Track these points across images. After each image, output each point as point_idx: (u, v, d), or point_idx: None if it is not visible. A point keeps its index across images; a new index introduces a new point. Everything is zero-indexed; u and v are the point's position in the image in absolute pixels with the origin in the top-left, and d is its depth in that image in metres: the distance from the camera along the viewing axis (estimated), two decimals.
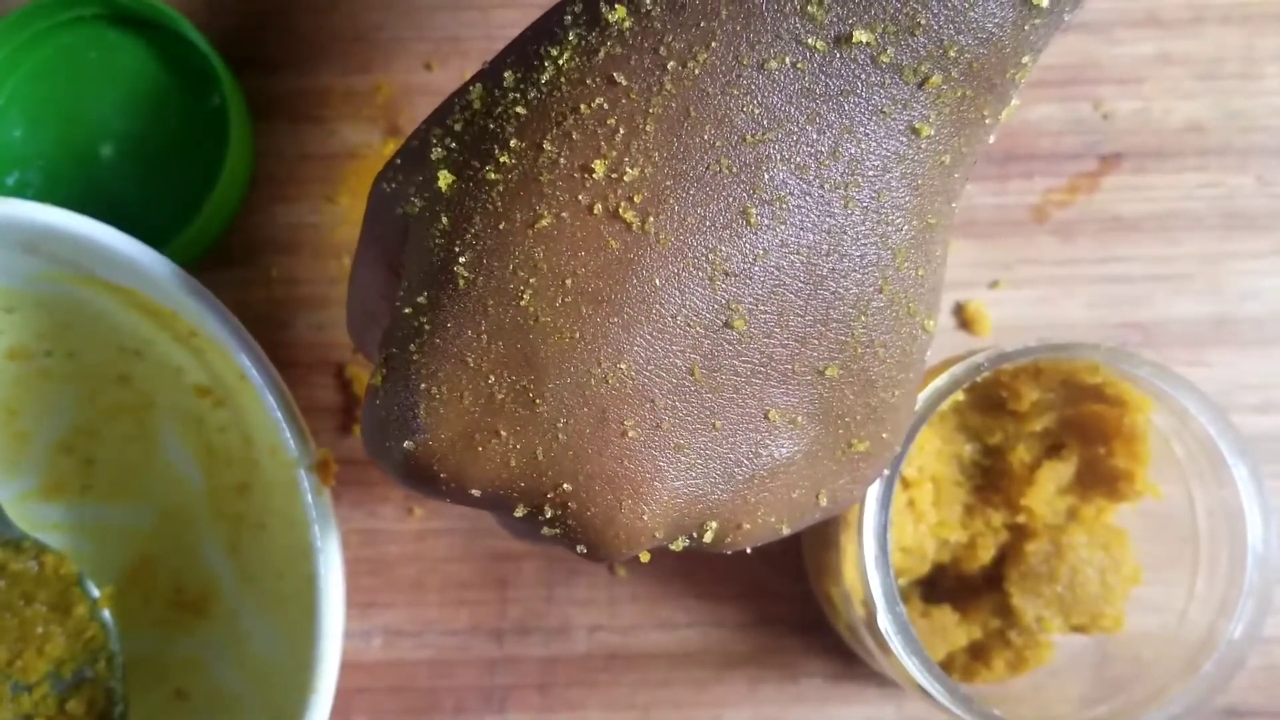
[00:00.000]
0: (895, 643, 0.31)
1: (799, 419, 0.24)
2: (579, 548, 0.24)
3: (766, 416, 0.23)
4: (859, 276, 0.23)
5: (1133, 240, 0.41)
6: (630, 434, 0.23)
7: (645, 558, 0.25)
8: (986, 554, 0.35)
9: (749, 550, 0.25)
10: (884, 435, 0.25)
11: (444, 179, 0.23)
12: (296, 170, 0.42)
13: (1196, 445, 0.33)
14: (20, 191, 0.40)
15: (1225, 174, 0.41)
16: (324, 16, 0.42)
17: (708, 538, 0.24)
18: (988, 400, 0.35)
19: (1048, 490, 0.35)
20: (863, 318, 0.23)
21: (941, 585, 0.37)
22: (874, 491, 0.31)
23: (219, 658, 0.40)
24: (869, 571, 0.31)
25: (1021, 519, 0.35)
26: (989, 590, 0.36)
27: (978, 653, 0.36)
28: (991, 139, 0.24)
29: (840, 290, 0.23)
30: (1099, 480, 0.35)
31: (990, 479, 0.36)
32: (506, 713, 0.41)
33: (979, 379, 0.32)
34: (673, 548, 0.24)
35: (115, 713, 0.37)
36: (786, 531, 0.25)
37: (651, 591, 0.41)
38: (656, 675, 0.41)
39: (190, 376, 0.39)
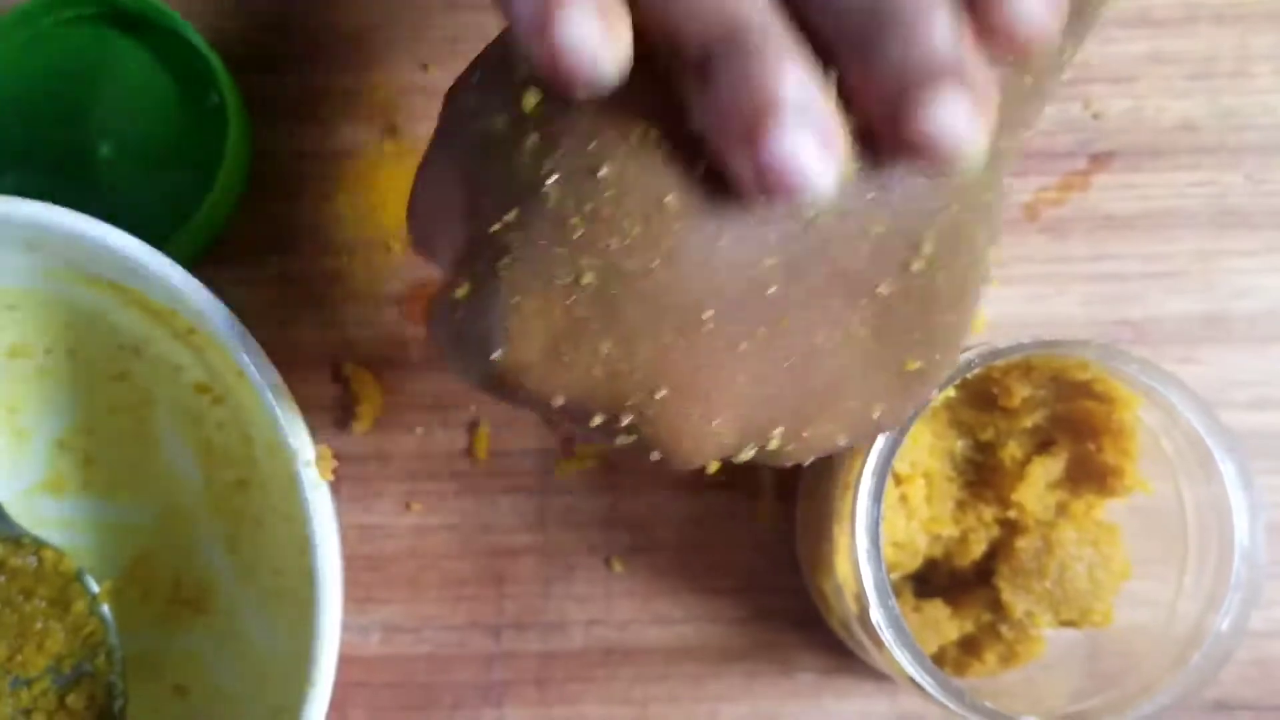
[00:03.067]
0: (888, 637, 0.31)
1: (863, 334, 0.24)
2: (653, 454, 0.25)
3: (833, 332, 0.24)
4: (929, 200, 0.24)
5: (1125, 238, 0.42)
6: (705, 346, 0.23)
7: (714, 468, 0.26)
8: (978, 549, 0.36)
9: (806, 463, 0.26)
10: (937, 356, 0.26)
11: (531, 98, 0.24)
12: (295, 169, 0.42)
13: (1185, 441, 0.33)
14: (18, 190, 0.40)
15: (1217, 172, 0.42)
16: (322, 16, 0.43)
17: (772, 445, 0.25)
18: (980, 396, 0.36)
19: (1038, 486, 0.35)
20: (929, 241, 0.24)
21: (933, 580, 0.37)
22: (866, 486, 0.31)
23: (218, 653, 0.40)
24: (861, 566, 0.31)
25: (1012, 514, 0.35)
26: (980, 585, 0.36)
27: (969, 647, 0.36)
28: (1065, 75, 0.25)
29: (909, 212, 0.24)
30: (1089, 476, 0.35)
31: (982, 474, 0.36)
32: (504, 708, 0.41)
33: (971, 375, 0.32)
34: (738, 459, 0.25)
35: (114, 707, 0.37)
36: (843, 443, 0.26)
37: (648, 587, 0.41)
38: (653, 670, 0.41)
39: (189, 374, 0.40)
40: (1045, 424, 0.36)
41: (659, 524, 0.41)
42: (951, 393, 0.33)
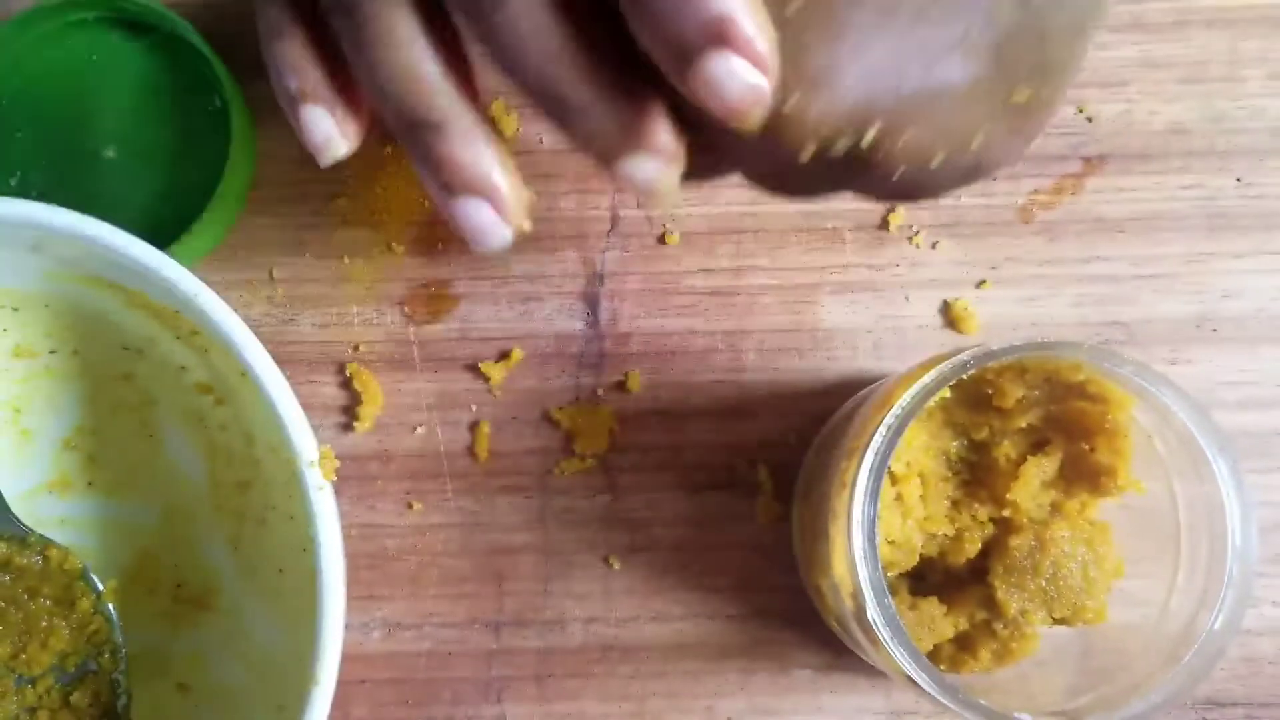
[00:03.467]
0: (883, 634, 0.32)
1: (972, 54, 0.25)
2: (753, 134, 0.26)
3: (944, 44, 0.25)
4: None
5: (1117, 240, 0.42)
6: (817, 33, 0.25)
7: (808, 153, 0.26)
8: (973, 547, 0.36)
9: (896, 174, 0.26)
10: (1044, 93, 0.26)
11: None
12: (297, 171, 0.42)
13: (1177, 441, 0.34)
14: (23, 192, 0.41)
15: (1207, 176, 0.42)
16: None
17: (866, 141, 0.26)
18: (974, 397, 0.36)
19: (1032, 485, 0.35)
20: None
21: (929, 578, 0.38)
22: (862, 485, 0.32)
23: (221, 651, 0.41)
24: (858, 564, 0.32)
25: (1007, 513, 0.36)
26: (975, 583, 0.36)
27: (964, 644, 0.37)
28: None
29: None
30: (1082, 475, 0.36)
31: (976, 474, 0.37)
32: (503, 704, 0.41)
33: (965, 376, 0.32)
34: (834, 149, 0.26)
35: (118, 705, 0.37)
36: (936, 162, 0.26)
37: (646, 585, 0.42)
38: (651, 667, 0.42)
39: (192, 375, 0.40)
40: (1039, 424, 0.36)
41: (657, 523, 0.42)
42: (947, 393, 0.33)
